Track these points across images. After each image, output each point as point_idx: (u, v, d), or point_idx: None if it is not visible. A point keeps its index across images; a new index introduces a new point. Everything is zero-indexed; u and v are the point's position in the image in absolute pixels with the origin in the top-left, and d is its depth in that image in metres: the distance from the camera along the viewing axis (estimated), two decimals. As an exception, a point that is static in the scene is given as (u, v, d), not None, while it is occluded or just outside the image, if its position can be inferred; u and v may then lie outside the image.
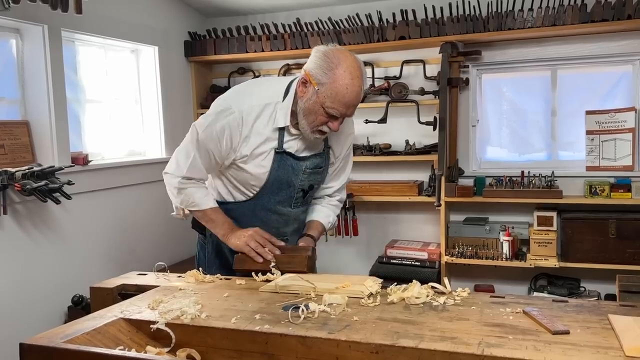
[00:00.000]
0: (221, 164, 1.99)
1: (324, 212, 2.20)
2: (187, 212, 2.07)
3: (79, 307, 2.98)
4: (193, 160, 1.96)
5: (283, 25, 3.98)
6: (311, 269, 1.92)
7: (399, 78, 3.91)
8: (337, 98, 1.81)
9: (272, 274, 1.85)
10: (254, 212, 2.05)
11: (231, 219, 2.03)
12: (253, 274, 1.87)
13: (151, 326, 1.42)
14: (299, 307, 1.44)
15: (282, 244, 1.98)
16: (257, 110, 1.92)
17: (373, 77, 3.96)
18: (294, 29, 3.95)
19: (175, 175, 1.99)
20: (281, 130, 1.94)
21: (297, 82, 1.91)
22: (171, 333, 1.39)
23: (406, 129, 3.93)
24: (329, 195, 2.23)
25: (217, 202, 2.06)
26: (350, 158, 2.25)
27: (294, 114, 1.92)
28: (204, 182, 2.06)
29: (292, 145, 1.98)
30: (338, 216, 2.40)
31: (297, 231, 2.16)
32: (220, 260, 2.13)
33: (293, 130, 1.95)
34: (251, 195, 2.04)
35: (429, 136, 3.83)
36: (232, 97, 2.00)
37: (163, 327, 1.40)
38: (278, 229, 2.09)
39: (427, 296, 1.55)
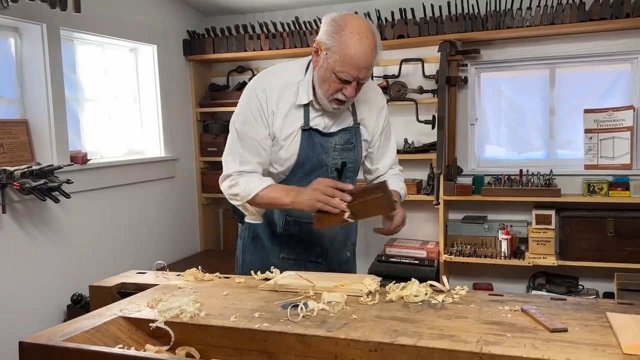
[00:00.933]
0: (270, 151, 1.93)
1: (394, 182, 2.05)
2: (252, 209, 1.94)
3: (79, 306, 2.99)
4: (240, 156, 1.90)
5: (282, 24, 3.98)
6: (391, 207, 1.74)
7: (397, 77, 3.91)
8: (345, 60, 1.75)
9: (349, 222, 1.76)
10: None
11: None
12: (252, 272, 1.87)
13: (150, 324, 1.42)
14: (298, 306, 1.43)
15: (351, 187, 1.79)
16: (279, 90, 1.89)
17: (372, 76, 3.95)
18: (292, 27, 3.96)
19: (226, 176, 1.93)
20: (306, 107, 1.90)
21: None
22: (170, 332, 1.39)
23: (405, 127, 3.94)
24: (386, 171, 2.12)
25: None
26: (392, 134, 2.14)
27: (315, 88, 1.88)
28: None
29: (319, 122, 1.93)
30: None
31: None
32: (255, 245, 2.09)
33: (317, 106, 1.90)
34: (283, 178, 1.99)
35: (428, 135, 3.84)
36: (255, 81, 1.96)
37: (162, 325, 1.40)
38: (313, 213, 1.97)
39: (426, 294, 1.55)
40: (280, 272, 1.83)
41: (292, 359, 1.30)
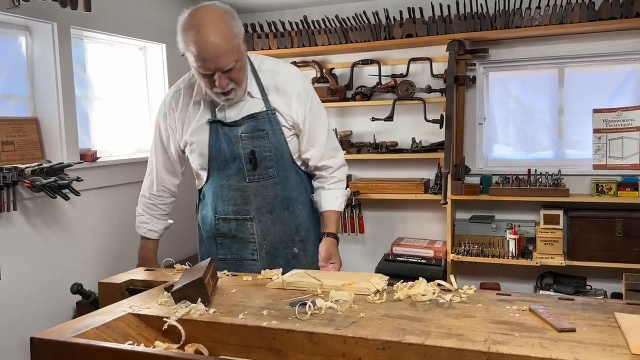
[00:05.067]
0: (178, 157, 2.12)
1: (332, 195, 2.09)
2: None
3: (87, 301, 3.00)
4: (151, 170, 2.17)
5: (290, 23, 3.99)
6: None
7: (405, 76, 3.90)
8: (195, 57, 1.79)
9: None
10: (214, 192, 2.06)
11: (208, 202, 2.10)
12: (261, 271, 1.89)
13: (164, 319, 1.42)
14: (306, 304, 1.44)
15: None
16: (176, 90, 2.04)
17: (380, 75, 3.96)
18: (301, 26, 3.96)
19: (140, 197, 2.23)
20: (213, 102, 1.96)
21: None
22: (181, 330, 1.40)
23: (413, 126, 3.94)
24: (319, 169, 2.10)
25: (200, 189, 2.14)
26: (322, 123, 2.07)
27: None
28: (165, 197, 2.24)
29: (224, 113, 1.96)
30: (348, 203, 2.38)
31: (262, 209, 2.03)
32: (201, 248, 2.21)
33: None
34: (205, 176, 2.07)
35: (436, 134, 3.84)
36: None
37: (175, 323, 1.40)
38: (239, 206, 2.03)
39: (434, 293, 1.55)
40: None
41: (300, 357, 1.31)
